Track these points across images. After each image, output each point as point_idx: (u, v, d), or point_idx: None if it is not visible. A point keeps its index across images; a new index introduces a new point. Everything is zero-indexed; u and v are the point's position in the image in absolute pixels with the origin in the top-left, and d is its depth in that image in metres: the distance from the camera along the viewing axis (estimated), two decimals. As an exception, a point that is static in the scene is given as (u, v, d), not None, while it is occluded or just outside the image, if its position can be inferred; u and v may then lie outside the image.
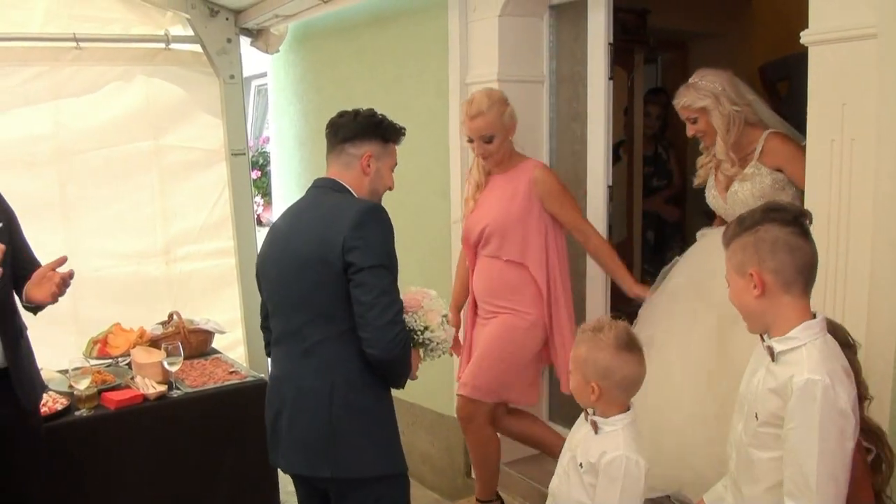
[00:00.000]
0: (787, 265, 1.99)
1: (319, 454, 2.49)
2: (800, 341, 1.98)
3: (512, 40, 3.69)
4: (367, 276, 2.41)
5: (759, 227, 2.02)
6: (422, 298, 2.66)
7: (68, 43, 4.63)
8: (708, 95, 3.09)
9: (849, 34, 2.36)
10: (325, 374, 2.48)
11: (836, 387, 1.88)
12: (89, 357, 3.82)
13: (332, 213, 2.52)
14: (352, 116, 2.69)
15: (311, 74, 5.19)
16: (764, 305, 2.03)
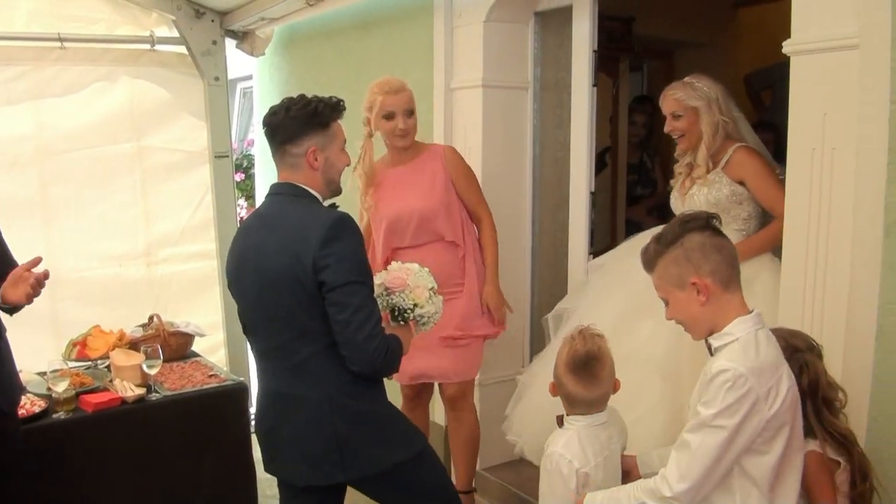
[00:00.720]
0: (721, 263, 2.09)
1: (328, 463, 2.48)
2: (733, 336, 2.07)
3: (497, 46, 3.71)
4: (340, 294, 2.38)
5: (682, 238, 2.11)
6: (406, 276, 2.66)
7: (52, 43, 4.60)
8: (702, 98, 3.12)
9: (830, 44, 2.38)
10: (319, 387, 2.47)
11: (749, 377, 1.96)
12: (68, 359, 3.79)
13: (299, 229, 2.45)
14: (284, 113, 2.52)
15: (297, 77, 5.19)
16: (710, 310, 2.11)
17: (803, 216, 2.48)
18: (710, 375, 2.02)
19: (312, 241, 2.38)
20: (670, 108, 3.20)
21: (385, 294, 2.65)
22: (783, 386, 2.02)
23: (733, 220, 3.08)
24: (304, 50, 5.07)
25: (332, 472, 2.50)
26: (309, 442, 2.50)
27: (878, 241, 2.29)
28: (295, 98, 2.56)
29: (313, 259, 2.37)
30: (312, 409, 2.48)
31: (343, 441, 2.47)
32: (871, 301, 2.32)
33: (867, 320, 2.33)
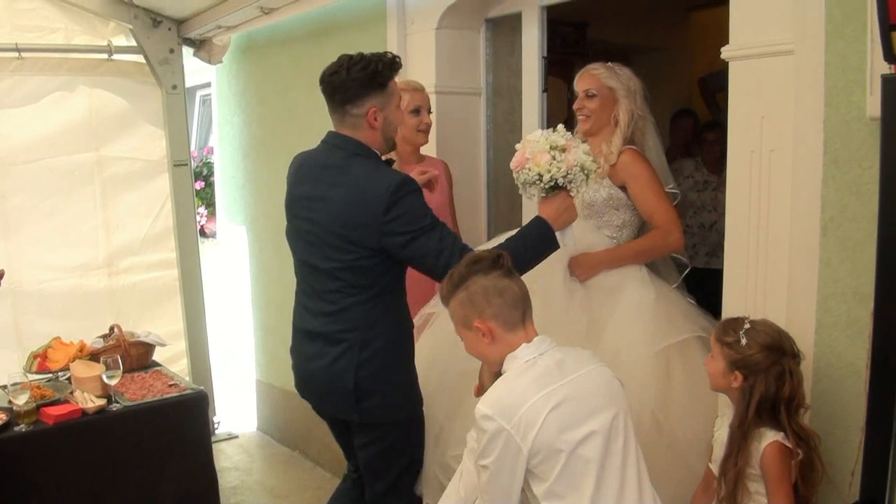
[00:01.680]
0: (503, 307, 2.19)
1: (348, 403, 2.66)
2: (504, 371, 2.22)
3: (449, 53, 3.76)
4: (413, 249, 2.52)
5: (468, 281, 2.21)
6: (524, 150, 2.66)
7: (10, 53, 4.58)
8: (624, 85, 3.02)
9: (767, 50, 2.46)
10: (354, 332, 2.62)
11: (494, 416, 2.08)
12: (29, 371, 3.78)
13: (364, 191, 2.54)
14: (345, 73, 2.59)
15: (255, 85, 5.21)
16: (497, 349, 2.22)
17: (743, 215, 2.55)
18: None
19: (378, 205, 2.49)
20: (587, 84, 3.03)
21: (516, 176, 2.69)
22: (538, 415, 2.07)
23: (606, 225, 3.00)
24: (262, 57, 5.10)
25: (349, 412, 2.69)
26: (336, 380, 2.66)
27: (815, 239, 2.38)
28: (354, 57, 2.62)
29: (380, 224, 2.50)
30: (345, 352, 2.63)
31: (360, 386, 2.63)
32: (809, 297, 2.40)
33: (806, 315, 2.41)
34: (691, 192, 5.17)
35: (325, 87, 2.68)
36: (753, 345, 2.30)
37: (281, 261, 5.10)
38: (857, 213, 2.28)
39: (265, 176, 5.20)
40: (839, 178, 2.32)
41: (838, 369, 2.36)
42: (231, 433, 5.47)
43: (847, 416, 2.34)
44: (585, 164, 2.62)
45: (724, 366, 2.35)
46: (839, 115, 2.30)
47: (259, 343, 5.53)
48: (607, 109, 3.02)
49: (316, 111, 4.57)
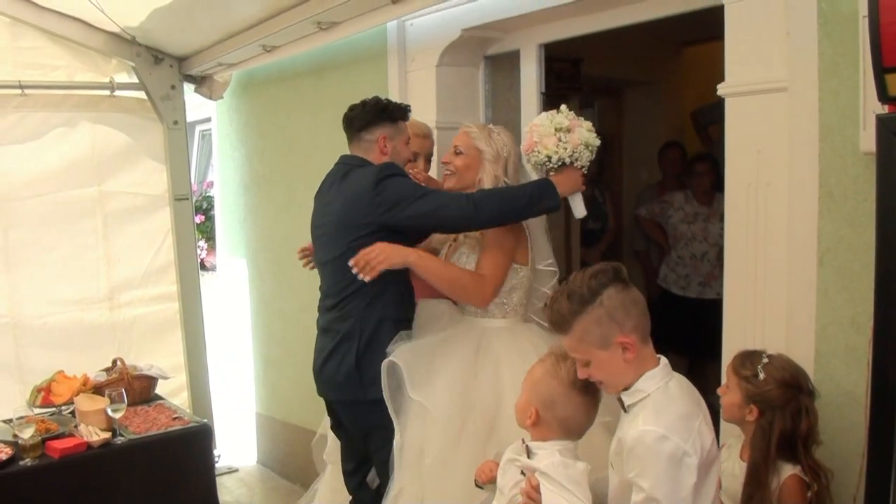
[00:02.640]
0: (641, 317, 2.10)
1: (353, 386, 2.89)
2: (643, 393, 2.07)
3: (449, 89, 3.82)
4: (414, 210, 2.77)
5: (599, 296, 2.05)
6: (531, 134, 2.82)
7: (13, 90, 4.63)
8: (494, 148, 3.00)
9: (762, 87, 2.54)
10: (354, 327, 2.88)
11: (672, 436, 1.93)
12: (33, 406, 3.81)
13: (357, 182, 2.87)
14: (360, 107, 3.01)
15: (255, 120, 5.27)
16: (633, 365, 2.09)
17: (741, 247, 2.61)
18: (631, 443, 1.98)
19: (367, 185, 2.80)
20: (458, 140, 3.06)
21: (526, 158, 2.87)
22: (705, 435, 2.01)
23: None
24: (262, 94, 5.16)
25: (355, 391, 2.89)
26: (342, 366, 2.90)
27: (812, 270, 2.43)
28: (370, 98, 3.04)
29: (371, 198, 2.78)
30: (347, 343, 2.90)
31: (360, 370, 2.86)
32: (808, 326, 2.45)
33: (805, 344, 2.46)
34: (682, 223, 5.24)
35: (345, 123, 3.06)
36: (771, 380, 2.33)
37: (281, 293, 5.14)
38: (853, 245, 2.34)
39: (265, 209, 5.25)
40: (834, 210, 2.38)
41: (837, 397, 2.41)
42: (231, 467, 5.47)
43: (847, 444, 2.38)
44: (589, 141, 2.82)
45: (740, 398, 2.38)
46: (833, 150, 2.37)
47: (259, 376, 5.55)
48: (472, 170, 3.02)
49: (316, 146, 4.66)
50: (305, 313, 4.88)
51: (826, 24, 2.36)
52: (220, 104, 5.51)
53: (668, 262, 5.34)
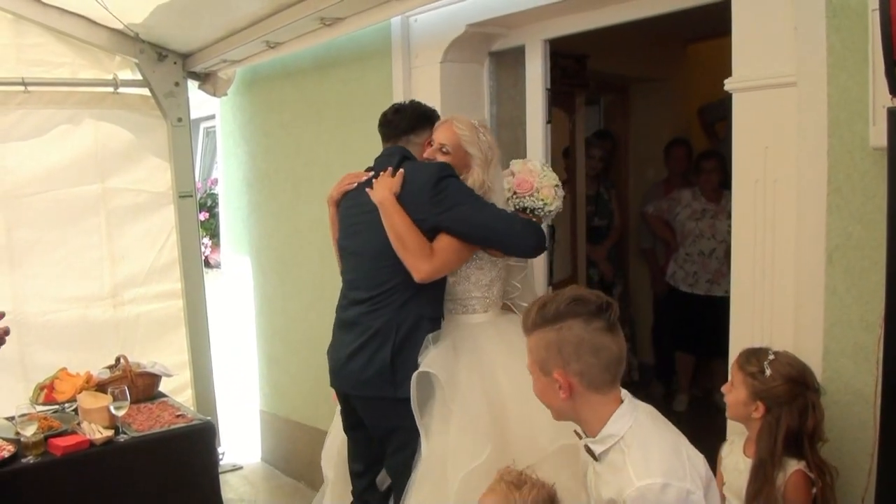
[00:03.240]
0: (593, 366, 1.93)
1: (383, 383, 2.82)
2: (615, 437, 1.94)
3: (454, 86, 3.80)
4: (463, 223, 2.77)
5: (562, 322, 1.94)
6: (533, 179, 2.90)
7: (16, 87, 4.61)
8: (483, 152, 2.93)
9: (769, 82, 2.51)
10: (390, 324, 2.82)
11: (670, 481, 1.82)
12: (36, 403, 3.79)
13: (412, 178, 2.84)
14: (403, 113, 3.06)
15: (259, 117, 5.25)
16: (572, 406, 1.99)
17: (749, 244, 2.58)
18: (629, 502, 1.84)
19: (427, 183, 2.78)
20: (445, 138, 2.94)
21: (514, 197, 2.91)
22: (695, 460, 1.94)
23: (475, 286, 2.94)
24: (266, 90, 5.15)
25: (385, 390, 2.83)
26: (373, 364, 2.84)
27: (820, 268, 2.41)
28: (406, 102, 3.15)
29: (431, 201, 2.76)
30: (379, 341, 2.83)
31: (394, 368, 2.81)
32: (816, 325, 2.43)
33: (813, 343, 2.44)
34: (689, 221, 5.22)
35: (385, 126, 3.08)
36: (777, 377, 2.31)
37: (285, 291, 5.13)
38: (862, 242, 2.32)
39: (270, 207, 5.24)
40: (843, 207, 2.35)
41: (845, 396, 2.39)
42: (235, 464, 5.46)
43: (855, 443, 2.37)
44: (560, 206, 3.04)
45: (745, 395, 2.36)
46: (842, 146, 2.34)
47: (263, 373, 5.53)
48: (457, 170, 2.92)
49: (320, 143, 4.65)
50: (309, 311, 4.88)
51: (834, 18, 2.33)
52: (224, 101, 5.50)
53: (676, 259, 5.32)
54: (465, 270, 2.93)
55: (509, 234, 2.78)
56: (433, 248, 2.79)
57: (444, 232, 2.79)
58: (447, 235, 2.80)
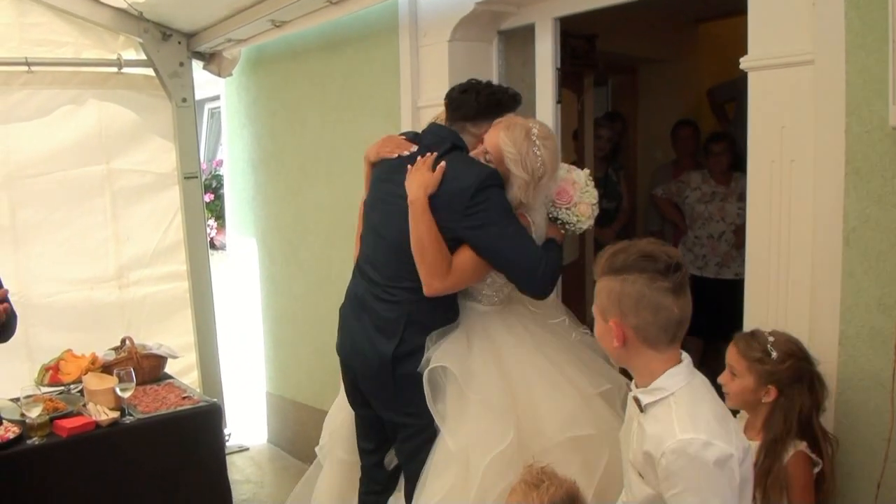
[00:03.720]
0: (650, 324, 1.91)
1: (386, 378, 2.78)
2: (665, 391, 1.92)
3: (462, 65, 3.74)
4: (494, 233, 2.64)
5: (627, 275, 1.91)
6: (573, 191, 2.76)
7: (20, 67, 4.58)
8: (529, 172, 2.67)
9: (786, 60, 2.46)
10: (399, 322, 2.75)
11: (713, 440, 1.80)
12: (41, 384, 3.78)
13: (455, 177, 2.67)
14: (473, 95, 2.83)
15: (264, 98, 5.21)
16: (625, 355, 1.98)
17: (764, 226, 2.54)
18: (669, 455, 1.82)
19: (467, 189, 2.62)
20: (491, 145, 2.74)
21: (552, 206, 2.78)
22: (741, 435, 1.92)
23: (488, 286, 2.85)
24: (272, 70, 5.10)
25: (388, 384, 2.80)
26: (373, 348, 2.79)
27: (837, 250, 2.37)
28: (483, 83, 2.88)
29: (463, 210, 2.63)
30: (391, 326, 2.77)
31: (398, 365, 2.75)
32: (832, 308, 2.39)
33: (829, 326, 2.40)
34: (699, 203, 5.18)
35: (450, 103, 2.90)
36: (785, 357, 2.29)
37: (290, 272, 5.10)
38: (880, 224, 2.28)
39: (275, 188, 5.20)
40: (861, 188, 2.31)
41: (861, 380, 2.35)
42: (242, 445, 5.45)
43: (871, 428, 2.33)
44: (591, 225, 2.88)
45: (753, 382, 2.31)
46: (861, 125, 2.30)
47: (269, 355, 5.52)
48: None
49: (327, 124, 4.61)
50: (316, 293, 4.86)
51: (854, -6, 2.28)
52: (229, 81, 5.46)
53: (685, 242, 5.28)
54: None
55: (528, 275, 2.66)
56: (452, 264, 2.69)
57: (466, 245, 2.69)
58: (469, 250, 2.69)
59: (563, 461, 2.48)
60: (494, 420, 2.64)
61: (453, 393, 2.70)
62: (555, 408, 2.69)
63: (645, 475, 1.94)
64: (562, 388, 2.73)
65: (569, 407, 2.69)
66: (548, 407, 2.69)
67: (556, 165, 2.75)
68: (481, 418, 2.65)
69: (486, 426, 2.64)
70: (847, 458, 2.37)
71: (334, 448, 3.29)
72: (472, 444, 2.64)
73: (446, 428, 2.68)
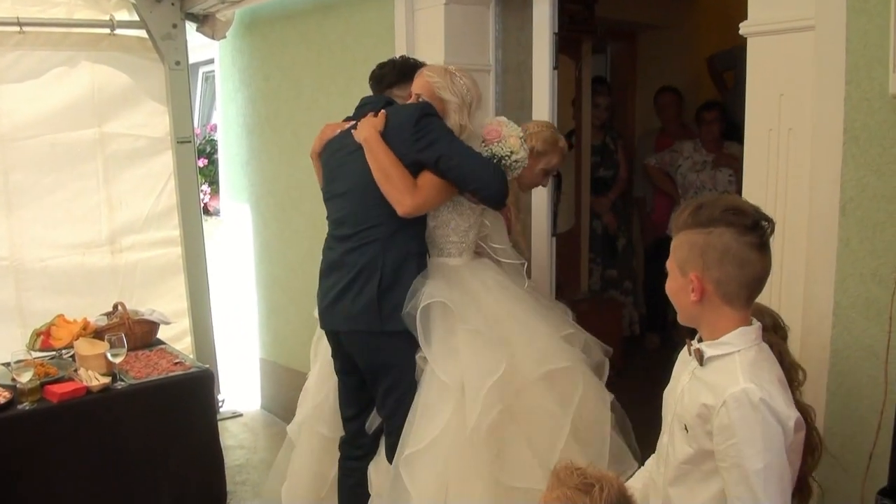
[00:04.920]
0: (733, 279, 1.88)
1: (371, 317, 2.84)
2: (733, 347, 1.90)
3: (458, 29, 3.69)
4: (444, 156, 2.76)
5: (714, 228, 1.88)
6: (499, 127, 2.94)
7: (11, 27, 4.51)
8: (458, 95, 2.90)
9: (786, 26, 2.41)
10: (376, 260, 2.84)
11: (774, 394, 1.80)
12: (32, 349, 3.77)
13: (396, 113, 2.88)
14: (391, 66, 3.17)
15: (259, 61, 5.15)
16: (699, 310, 1.94)
17: (760, 194, 2.50)
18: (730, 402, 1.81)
19: (408, 121, 2.80)
20: (419, 88, 2.95)
21: (483, 145, 2.90)
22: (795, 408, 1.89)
23: (453, 232, 2.96)
24: (266, 33, 5.04)
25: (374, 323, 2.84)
26: (363, 298, 2.85)
27: (834, 220, 2.34)
28: (398, 58, 3.27)
29: (411, 138, 2.78)
30: (366, 275, 2.85)
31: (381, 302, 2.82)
32: (827, 278, 2.37)
33: (824, 296, 2.38)
34: (690, 172, 5.17)
35: (373, 81, 3.20)
36: None
37: (285, 238, 5.08)
38: (878, 193, 2.25)
39: (270, 153, 5.16)
40: (859, 157, 2.28)
41: (856, 351, 2.34)
42: (235, 411, 5.46)
43: (864, 399, 2.32)
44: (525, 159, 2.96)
45: None
46: (860, 93, 2.26)
47: (263, 321, 5.51)
48: None
49: (321, 87, 4.56)
50: (309, 259, 4.82)
51: (856, -41, 2.24)
52: (223, 44, 5.39)
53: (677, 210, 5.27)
54: (446, 215, 2.94)
55: (482, 174, 2.78)
56: (417, 184, 2.80)
57: (425, 169, 2.81)
58: (429, 172, 2.81)
59: (539, 395, 2.75)
60: (485, 349, 2.73)
61: (441, 331, 2.77)
62: (529, 345, 2.82)
63: (691, 429, 1.92)
64: (533, 327, 2.86)
65: (541, 343, 2.82)
66: (522, 345, 2.81)
67: (479, 94, 2.98)
68: (472, 348, 2.74)
69: (478, 356, 2.72)
70: (840, 429, 2.36)
71: (316, 423, 3.29)
72: (467, 375, 2.70)
73: (438, 364, 2.74)
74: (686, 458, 1.95)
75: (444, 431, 2.70)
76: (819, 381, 2.37)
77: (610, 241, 5.63)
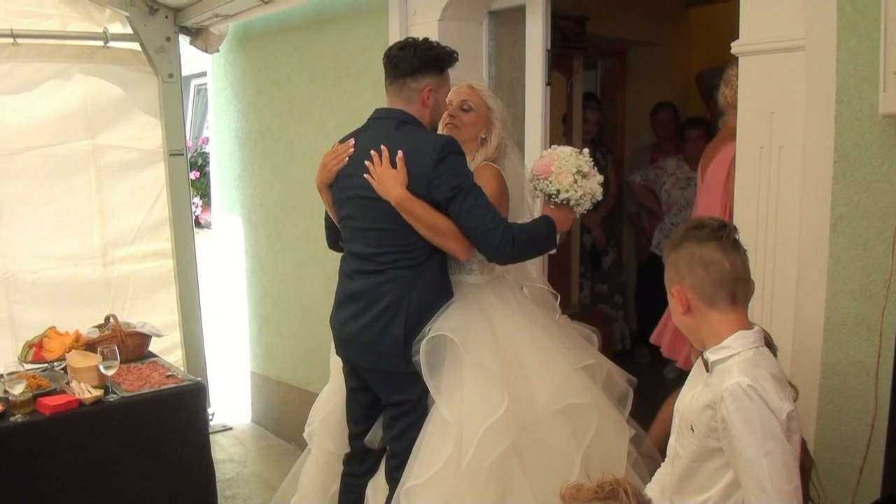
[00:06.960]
0: (704, 280, 2.01)
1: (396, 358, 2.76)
2: (732, 350, 1.98)
3: (451, 44, 3.60)
4: (457, 203, 2.64)
5: (680, 245, 2.06)
6: (552, 162, 2.79)
7: (5, 39, 4.52)
8: (500, 110, 2.99)
9: (777, 45, 2.45)
10: (402, 297, 2.75)
11: (766, 387, 1.86)
12: (24, 361, 3.76)
13: (412, 154, 2.69)
14: (411, 51, 2.80)
15: (251, 75, 5.17)
16: (693, 322, 2.06)
17: (752, 211, 2.54)
18: (726, 397, 1.89)
19: (429, 160, 2.65)
20: (467, 96, 2.97)
21: (534, 179, 2.82)
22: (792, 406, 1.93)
23: (477, 255, 2.86)
24: (259, 47, 5.06)
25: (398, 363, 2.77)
26: (382, 335, 2.77)
27: (824, 236, 2.37)
28: (420, 40, 2.85)
29: (427, 179, 2.65)
30: (391, 310, 2.76)
31: (407, 340, 2.74)
32: (818, 294, 2.40)
33: (815, 313, 2.41)
34: (675, 189, 5.18)
35: (388, 61, 2.84)
36: None
37: (276, 252, 5.08)
38: (868, 211, 2.28)
39: (262, 166, 5.17)
40: (850, 175, 2.31)
41: (846, 367, 2.36)
42: (225, 425, 5.45)
43: (854, 414, 2.35)
44: (596, 195, 2.80)
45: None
46: (850, 112, 2.30)
47: (254, 334, 5.50)
48: (477, 126, 2.97)
49: (315, 101, 4.58)
50: (301, 273, 4.84)
51: (846, -20, 2.28)
52: (216, 58, 5.41)
53: (661, 228, 5.30)
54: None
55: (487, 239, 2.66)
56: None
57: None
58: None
59: (554, 429, 2.65)
60: (489, 385, 2.66)
61: (450, 363, 2.73)
62: (547, 377, 2.74)
63: (697, 429, 2.01)
64: (552, 358, 2.77)
65: (560, 376, 2.74)
66: (540, 376, 2.74)
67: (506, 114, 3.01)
68: (477, 384, 2.68)
69: (482, 393, 2.66)
70: (831, 444, 2.39)
71: (322, 438, 3.28)
72: (466, 413, 2.66)
73: (441, 399, 2.70)
74: (692, 456, 2.02)
75: (445, 467, 2.66)
76: (810, 397, 2.40)
77: (598, 256, 5.66)
